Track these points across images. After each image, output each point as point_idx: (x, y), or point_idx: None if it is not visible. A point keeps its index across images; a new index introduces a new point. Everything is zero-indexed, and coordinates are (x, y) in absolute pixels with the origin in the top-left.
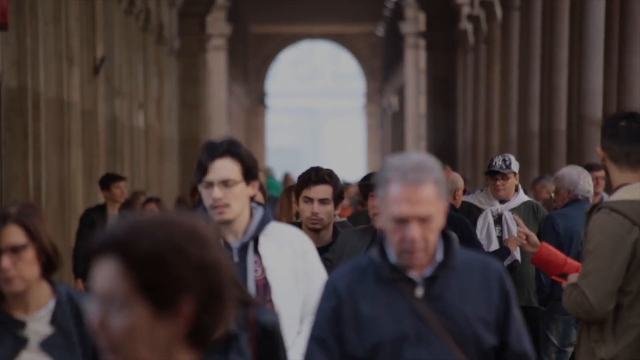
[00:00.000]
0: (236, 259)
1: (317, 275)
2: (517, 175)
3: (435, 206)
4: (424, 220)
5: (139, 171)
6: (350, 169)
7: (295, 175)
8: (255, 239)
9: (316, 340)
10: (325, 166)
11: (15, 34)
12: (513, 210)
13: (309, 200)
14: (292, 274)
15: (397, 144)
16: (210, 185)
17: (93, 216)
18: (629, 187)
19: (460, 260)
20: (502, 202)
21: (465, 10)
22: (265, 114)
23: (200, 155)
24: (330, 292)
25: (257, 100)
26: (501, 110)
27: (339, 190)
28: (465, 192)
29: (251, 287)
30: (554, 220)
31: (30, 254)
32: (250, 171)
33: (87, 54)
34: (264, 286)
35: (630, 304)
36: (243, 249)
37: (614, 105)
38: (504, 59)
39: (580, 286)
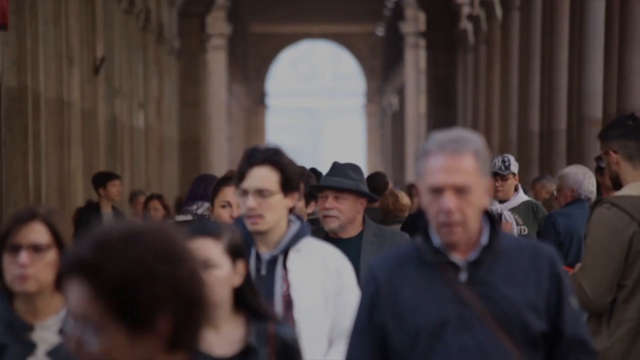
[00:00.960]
0: (264, 271)
1: (349, 297)
2: (517, 176)
3: (474, 178)
4: (460, 190)
5: (139, 171)
6: None
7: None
8: (286, 253)
9: (357, 332)
10: (325, 166)
11: (15, 34)
12: (513, 210)
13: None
14: (320, 293)
15: (397, 144)
16: (245, 193)
17: (88, 216)
18: (635, 183)
19: (508, 244)
20: (501, 201)
21: (465, 10)
22: (265, 113)
23: (240, 160)
24: (369, 281)
25: (257, 100)
26: (501, 110)
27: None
28: None
29: (277, 302)
30: (554, 220)
31: (50, 257)
32: (289, 182)
33: (87, 53)
34: (287, 302)
35: (626, 297)
36: (272, 262)
37: (614, 105)
38: (504, 58)
39: (579, 279)
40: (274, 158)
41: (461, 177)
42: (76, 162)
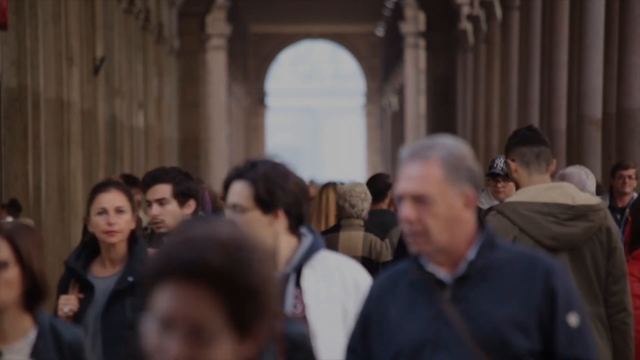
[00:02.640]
0: None
1: None
2: None
3: (437, 187)
4: (418, 199)
5: (139, 171)
6: (350, 169)
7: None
8: (299, 271)
9: (350, 351)
10: (325, 166)
11: (15, 34)
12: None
13: (149, 202)
14: (339, 313)
15: (397, 143)
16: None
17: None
18: (523, 189)
19: (501, 258)
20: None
21: (465, 10)
22: (265, 113)
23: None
24: (365, 298)
25: (257, 99)
26: (501, 109)
27: (186, 189)
28: None
29: None
30: None
31: (11, 275)
32: (264, 199)
33: (86, 53)
34: None
35: None
36: (283, 281)
37: (613, 105)
38: (503, 58)
39: None
40: (250, 171)
41: (420, 185)
42: (76, 162)
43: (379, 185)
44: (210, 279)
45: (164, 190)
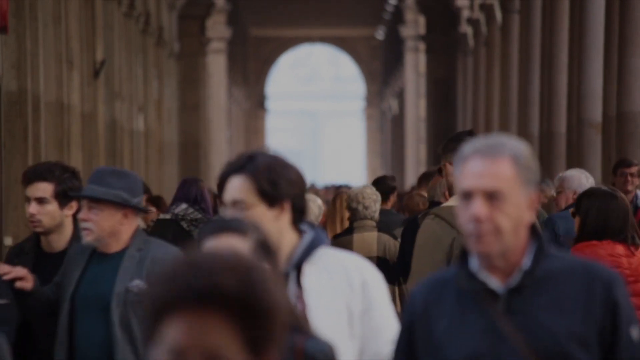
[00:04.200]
0: None
1: (379, 314)
2: None
3: (509, 184)
4: (491, 196)
5: (139, 174)
6: (350, 172)
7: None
8: (299, 268)
9: None
10: (324, 169)
11: (15, 37)
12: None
13: (27, 199)
14: (344, 312)
15: (397, 147)
16: (226, 205)
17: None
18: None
19: (557, 267)
20: None
21: (465, 13)
22: (265, 116)
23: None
24: (407, 311)
25: (257, 103)
26: (501, 112)
27: (70, 189)
28: None
29: None
30: (554, 223)
31: None
32: (268, 191)
33: (87, 56)
34: None
35: None
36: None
37: (613, 108)
38: (503, 61)
39: (407, 286)
40: (249, 164)
41: (493, 181)
42: (76, 165)
43: (383, 187)
44: (225, 305)
45: (45, 188)
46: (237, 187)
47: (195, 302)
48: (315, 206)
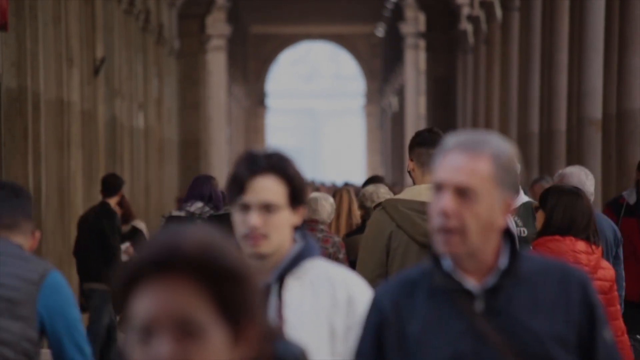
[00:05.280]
0: None
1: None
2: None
3: (483, 183)
4: (462, 192)
5: (139, 172)
6: (350, 170)
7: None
8: (282, 280)
9: None
10: (325, 167)
11: (15, 35)
12: (512, 211)
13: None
14: (325, 330)
15: (397, 145)
16: (246, 208)
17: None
18: (409, 188)
19: (531, 267)
20: None
21: (465, 10)
22: (265, 114)
23: (235, 167)
24: (373, 310)
25: (257, 100)
26: (501, 111)
27: None
28: None
29: None
30: None
31: None
32: (298, 195)
33: (86, 54)
34: None
35: None
36: (265, 291)
37: (613, 106)
38: (503, 59)
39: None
40: (281, 165)
41: (467, 177)
42: (76, 163)
43: None
44: (187, 267)
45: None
46: (269, 189)
47: (157, 270)
48: (328, 204)
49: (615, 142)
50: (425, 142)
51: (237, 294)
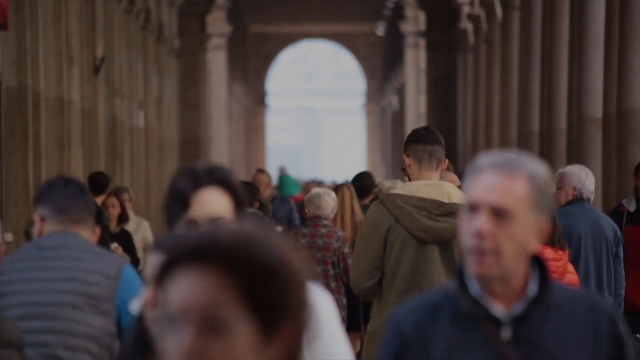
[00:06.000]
0: None
1: (326, 344)
2: None
3: (520, 205)
4: (498, 213)
5: (139, 171)
6: (350, 169)
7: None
8: None
9: None
10: (325, 166)
11: (15, 34)
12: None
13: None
14: None
15: (397, 143)
16: (193, 223)
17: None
18: (406, 184)
19: (560, 297)
20: None
21: (466, 9)
22: (265, 113)
23: (175, 183)
24: (393, 335)
25: (257, 99)
26: (501, 109)
27: None
28: None
29: None
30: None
31: None
32: (241, 206)
33: (87, 53)
34: None
35: (388, 283)
36: None
37: (614, 105)
38: (504, 58)
39: (350, 273)
40: (223, 177)
41: (504, 197)
42: (76, 162)
43: (365, 182)
44: (221, 259)
45: None
46: (214, 202)
47: (190, 260)
48: (331, 199)
49: (616, 141)
50: (422, 139)
51: (272, 292)
